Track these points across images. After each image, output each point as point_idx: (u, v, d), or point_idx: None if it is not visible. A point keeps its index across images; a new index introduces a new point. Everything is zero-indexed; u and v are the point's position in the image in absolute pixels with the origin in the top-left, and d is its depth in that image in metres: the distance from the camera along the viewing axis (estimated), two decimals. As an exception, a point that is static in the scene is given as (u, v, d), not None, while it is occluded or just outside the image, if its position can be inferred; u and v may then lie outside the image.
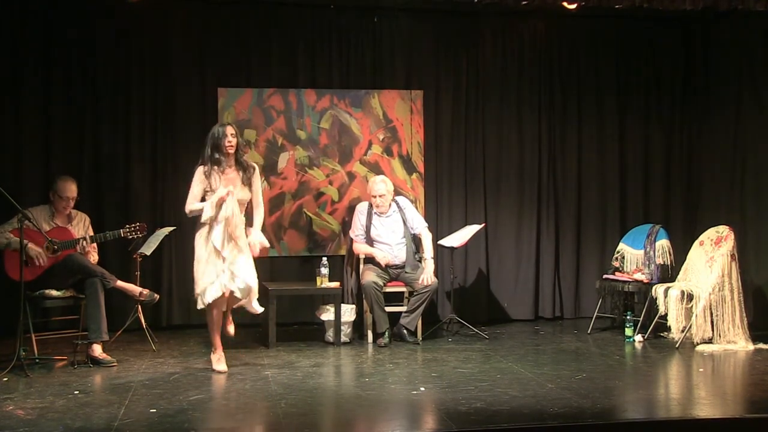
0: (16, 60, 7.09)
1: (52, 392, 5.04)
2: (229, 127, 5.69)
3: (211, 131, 5.68)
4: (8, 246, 5.92)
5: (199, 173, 5.62)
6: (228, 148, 5.62)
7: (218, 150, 5.61)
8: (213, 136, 5.64)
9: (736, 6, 6.27)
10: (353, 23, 7.68)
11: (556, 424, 4.37)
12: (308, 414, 4.67)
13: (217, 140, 5.60)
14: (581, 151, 8.08)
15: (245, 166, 5.73)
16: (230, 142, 5.62)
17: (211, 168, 5.60)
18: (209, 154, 5.61)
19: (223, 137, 5.61)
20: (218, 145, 5.60)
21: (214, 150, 5.61)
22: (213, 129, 5.70)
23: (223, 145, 5.60)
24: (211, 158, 5.61)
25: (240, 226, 5.61)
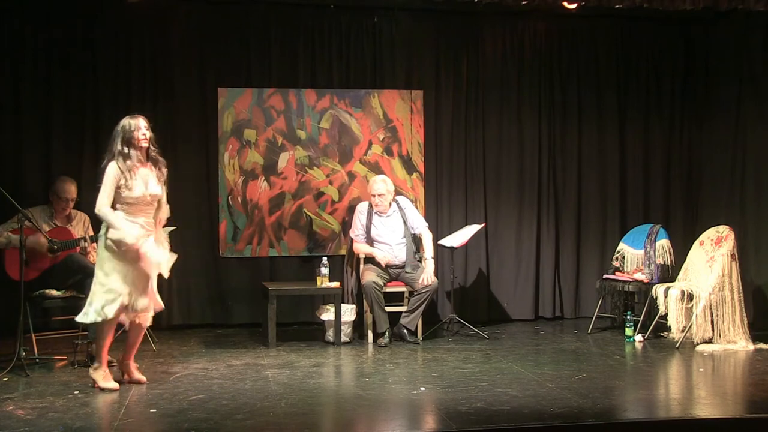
0: (16, 60, 7.09)
1: (52, 392, 5.04)
2: (141, 119, 5.21)
3: (120, 124, 5.17)
4: (8, 245, 5.91)
5: (113, 169, 5.09)
6: (141, 142, 5.16)
7: (129, 144, 5.12)
8: (123, 129, 5.14)
9: (736, 6, 6.27)
10: (353, 23, 7.68)
11: (556, 424, 4.37)
12: (308, 414, 4.66)
13: (129, 133, 5.13)
14: (581, 151, 8.08)
15: (157, 161, 5.26)
16: (144, 135, 5.17)
17: (124, 163, 5.11)
18: (119, 149, 5.11)
19: (135, 130, 5.14)
20: (129, 138, 5.12)
21: (125, 144, 5.12)
22: (122, 121, 5.18)
23: (136, 138, 5.14)
24: (122, 153, 5.11)
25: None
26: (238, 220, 7.49)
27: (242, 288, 7.46)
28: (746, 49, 7.64)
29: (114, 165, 5.11)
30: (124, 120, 5.20)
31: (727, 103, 7.84)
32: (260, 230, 7.52)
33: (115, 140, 5.15)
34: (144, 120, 5.22)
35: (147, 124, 5.22)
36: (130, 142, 5.14)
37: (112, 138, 5.16)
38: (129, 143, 5.14)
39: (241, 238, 7.49)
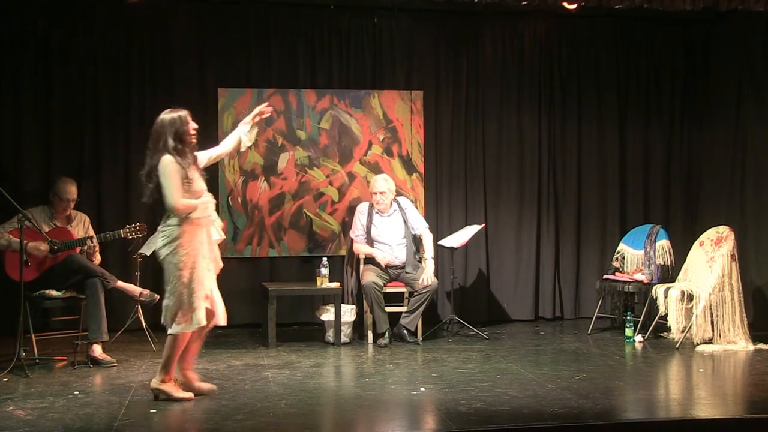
0: (15, 60, 7.08)
1: (52, 392, 5.05)
2: (188, 114, 4.95)
3: (165, 119, 4.85)
4: (8, 247, 5.91)
5: (173, 163, 4.77)
6: (192, 136, 4.93)
7: (180, 139, 4.83)
8: (173, 123, 4.82)
9: (736, 6, 6.27)
10: (353, 23, 7.68)
11: (556, 424, 4.37)
12: (308, 414, 4.67)
13: (180, 127, 4.84)
14: (581, 151, 8.09)
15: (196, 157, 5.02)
16: (195, 129, 4.95)
17: (181, 158, 4.81)
18: (172, 144, 4.79)
19: (186, 124, 4.88)
20: (181, 132, 4.84)
21: (176, 139, 4.82)
22: (166, 117, 4.86)
23: (187, 132, 4.88)
24: (175, 148, 4.80)
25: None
26: (238, 220, 7.49)
27: (242, 288, 7.46)
28: (746, 49, 7.65)
29: (171, 159, 4.77)
30: (167, 115, 4.87)
31: (727, 103, 7.84)
32: (260, 231, 7.52)
33: (163, 135, 4.81)
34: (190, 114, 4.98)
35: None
36: (181, 136, 4.85)
37: (158, 134, 4.83)
38: (180, 138, 4.84)
39: (241, 239, 7.49)
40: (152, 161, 4.81)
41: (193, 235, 4.79)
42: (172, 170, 4.76)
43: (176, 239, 4.75)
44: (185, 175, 4.80)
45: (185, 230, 4.76)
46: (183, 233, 4.76)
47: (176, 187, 4.74)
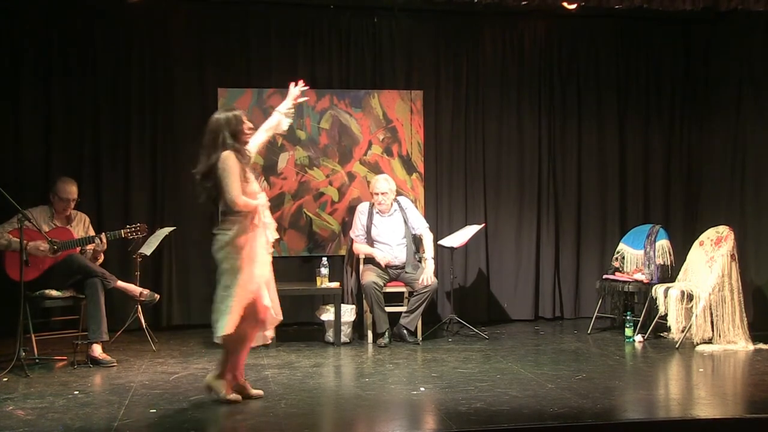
0: (15, 60, 7.09)
1: (52, 392, 5.05)
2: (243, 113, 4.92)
3: (220, 117, 4.83)
4: (8, 247, 5.91)
5: (233, 160, 4.69)
6: (247, 136, 4.87)
7: (236, 137, 4.78)
8: (228, 122, 4.78)
9: (736, 6, 6.27)
10: (353, 23, 7.68)
11: (556, 424, 4.37)
12: (308, 414, 4.67)
13: (236, 126, 4.78)
14: (581, 151, 8.09)
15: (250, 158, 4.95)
16: (251, 129, 4.90)
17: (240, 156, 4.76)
18: (230, 142, 4.74)
19: (241, 123, 4.82)
20: (237, 131, 4.79)
21: (232, 137, 4.76)
22: (221, 116, 4.84)
23: (243, 132, 4.83)
24: (233, 146, 4.74)
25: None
26: (238, 220, 7.48)
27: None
28: (746, 49, 7.65)
29: (231, 154, 4.70)
30: (222, 114, 4.85)
31: (727, 104, 7.84)
32: (260, 230, 7.51)
33: (219, 134, 4.75)
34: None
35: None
36: (237, 135, 4.78)
37: (214, 133, 4.78)
38: (236, 136, 4.78)
39: (241, 238, 7.47)
40: (210, 160, 4.73)
41: (249, 238, 4.72)
42: (232, 165, 4.68)
43: (232, 243, 4.69)
44: (243, 175, 4.74)
45: (241, 234, 4.69)
46: (239, 237, 4.69)
47: (237, 183, 4.67)
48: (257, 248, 4.78)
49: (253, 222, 4.74)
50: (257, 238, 4.77)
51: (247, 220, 4.71)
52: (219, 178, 4.67)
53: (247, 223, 4.72)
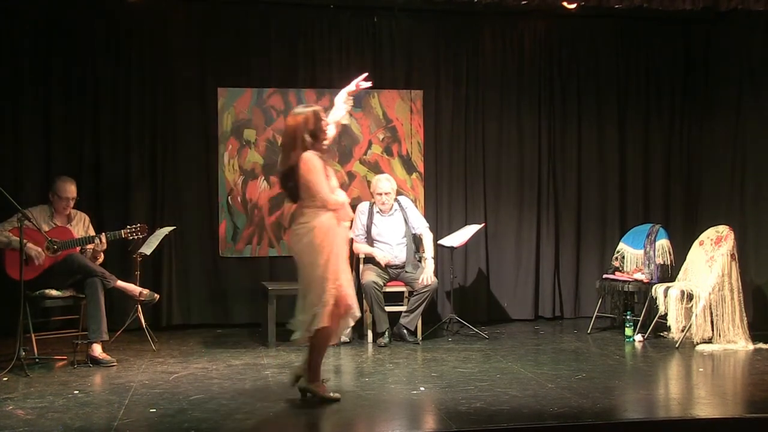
0: (15, 59, 7.09)
1: (52, 392, 5.04)
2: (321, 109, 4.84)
3: (300, 116, 4.74)
4: (9, 245, 5.91)
5: (316, 158, 4.67)
6: (326, 134, 4.82)
7: (316, 136, 4.73)
8: (307, 121, 4.71)
9: (736, 6, 6.27)
10: (353, 23, 7.68)
11: (556, 424, 4.37)
12: (308, 414, 4.66)
13: (315, 124, 4.72)
14: (581, 151, 8.09)
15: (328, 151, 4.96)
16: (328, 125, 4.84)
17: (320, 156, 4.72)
18: (311, 140, 4.69)
19: (321, 120, 4.75)
20: (317, 130, 4.73)
21: (312, 136, 4.71)
22: (301, 114, 4.75)
23: (322, 130, 4.78)
24: (314, 145, 4.69)
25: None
26: (238, 220, 7.49)
27: (242, 288, 7.47)
28: (746, 49, 7.65)
29: (313, 155, 4.67)
30: (301, 112, 4.77)
31: (727, 104, 7.84)
32: (260, 230, 7.52)
33: (299, 133, 4.70)
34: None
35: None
36: (316, 133, 4.74)
37: (293, 132, 4.72)
38: (315, 135, 4.74)
39: (241, 238, 7.49)
40: (290, 160, 4.71)
41: (329, 232, 4.71)
42: (317, 165, 4.67)
43: (313, 238, 4.67)
44: (324, 172, 4.73)
45: (321, 228, 4.68)
46: (319, 231, 4.68)
47: (325, 182, 4.67)
48: (340, 242, 4.77)
49: (335, 217, 4.74)
50: (339, 232, 4.77)
51: (329, 215, 4.71)
52: (302, 178, 4.66)
53: (330, 218, 4.71)
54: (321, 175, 4.66)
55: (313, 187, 4.65)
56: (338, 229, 4.76)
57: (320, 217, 4.68)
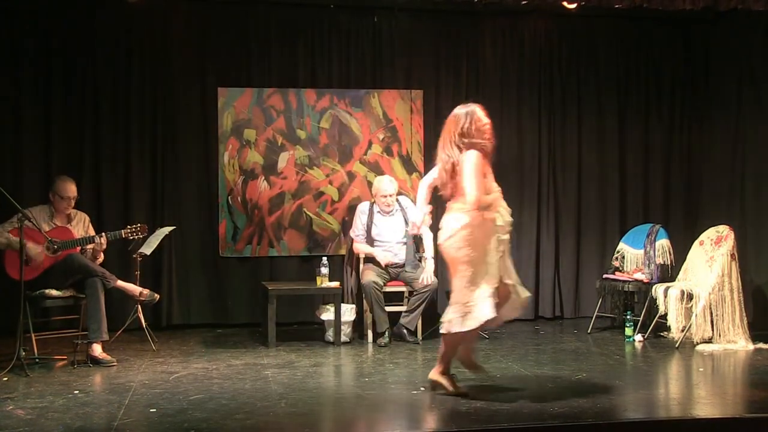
0: (15, 59, 7.09)
1: (52, 392, 5.04)
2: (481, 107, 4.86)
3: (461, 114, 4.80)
4: (8, 246, 5.91)
5: (479, 158, 4.71)
6: (488, 132, 4.83)
7: (466, 136, 4.76)
8: (472, 118, 4.77)
9: (736, 6, 6.28)
10: (353, 23, 7.68)
11: (556, 424, 4.36)
12: (308, 414, 4.66)
13: (479, 123, 4.79)
14: (581, 151, 8.09)
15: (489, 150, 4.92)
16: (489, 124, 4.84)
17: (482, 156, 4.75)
18: (466, 141, 4.75)
19: (480, 120, 4.79)
20: (481, 128, 4.79)
21: (462, 137, 4.74)
22: (462, 112, 4.81)
23: (482, 128, 4.81)
24: (479, 144, 4.76)
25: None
26: (238, 220, 7.49)
27: (242, 288, 7.47)
28: (746, 49, 7.65)
29: (478, 154, 4.74)
30: (461, 110, 4.83)
31: (727, 103, 7.84)
32: (260, 230, 7.52)
33: (460, 130, 4.76)
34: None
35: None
36: (467, 133, 4.78)
37: (454, 128, 4.79)
38: (467, 135, 4.78)
39: (241, 238, 7.49)
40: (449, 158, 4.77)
41: (478, 229, 4.74)
42: (477, 165, 4.72)
43: (461, 234, 4.72)
44: (483, 171, 4.79)
45: (470, 225, 4.72)
46: (467, 228, 4.72)
47: (479, 183, 4.70)
48: (490, 237, 4.78)
49: (484, 214, 4.76)
50: (488, 227, 4.78)
51: (479, 211, 4.74)
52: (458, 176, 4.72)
53: (479, 217, 4.74)
54: (477, 176, 4.69)
55: (465, 185, 4.70)
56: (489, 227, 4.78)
57: (469, 217, 4.72)
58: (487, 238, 4.76)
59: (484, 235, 4.75)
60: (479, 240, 4.73)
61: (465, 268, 4.73)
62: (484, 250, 4.74)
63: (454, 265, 4.79)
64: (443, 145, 4.84)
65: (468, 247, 4.71)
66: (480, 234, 4.73)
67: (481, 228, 4.73)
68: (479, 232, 4.73)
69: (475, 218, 4.71)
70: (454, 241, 4.74)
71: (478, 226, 4.72)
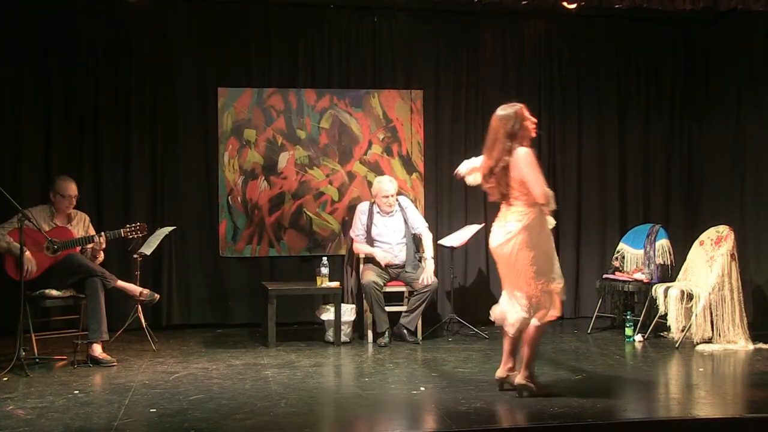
0: (16, 59, 7.09)
1: (52, 392, 5.04)
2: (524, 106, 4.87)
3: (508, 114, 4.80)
4: (8, 251, 5.90)
5: (532, 154, 4.74)
6: (533, 131, 4.86)
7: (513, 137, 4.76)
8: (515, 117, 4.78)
9: (736, 6, 6.28)
10: (353, 23, 7.68)
11: (556, 424, 4.36)
12: (308, 414, 4.66)
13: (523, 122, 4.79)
14: (581, 151, 8.09)
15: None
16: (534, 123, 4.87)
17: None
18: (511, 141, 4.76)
19: (527, 119, 4.81)
20: (524, 127, 4.79)
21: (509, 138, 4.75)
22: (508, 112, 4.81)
23: (528, 127, 4.82)
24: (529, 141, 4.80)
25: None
26: (238, 220, 7.49)
27: (242, 288, 7.47)
28: (746, 49, 7.65)
29: (530, 151, 4.75)
30: (507, 110, 4.83)
31: (727, 103, 7.84)
32: (260, 230, 7.52)
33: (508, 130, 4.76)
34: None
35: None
36: (515, 134, 4.77)
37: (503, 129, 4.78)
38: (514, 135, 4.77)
39: (241, 238, 7.49)
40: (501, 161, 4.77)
41: (540, 226, 4.82)
42: (533, 160, 4.74)
43: (532, 231, 4.77)
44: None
45: (532, 223, 4.78)
46: (530, 226, 4.77)
47: (541, 177, 4.74)
48: (549, 235, 4.92)
49: (543, 211, 4.84)
50: (545, 225, 4.89)
51: (537, 209, 4.79)
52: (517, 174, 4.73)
53: (539, 213, 4.81)
54: (538, 170, 4.72)
55: (530, 182, 4.70)
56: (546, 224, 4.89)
57: (530, 216, 4.77)
58: (548, 237, 4.90)
59: (545, 234, 4.87)
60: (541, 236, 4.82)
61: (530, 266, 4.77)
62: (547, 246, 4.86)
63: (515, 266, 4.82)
64: (492, 148, 4.84)
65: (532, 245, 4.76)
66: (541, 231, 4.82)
67: (541, 226, 4.83)
68: (539, 230, 4.81)
69: (534, 218, 4.78)
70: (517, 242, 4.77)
71: (538, 224, 4.81)
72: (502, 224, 4.87)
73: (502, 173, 4.79)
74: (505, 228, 4.83)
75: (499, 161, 4.78)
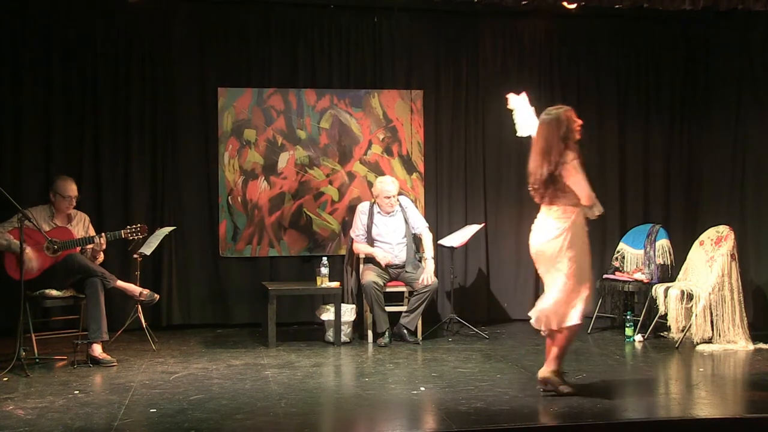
0: (16, 59, 7.08)
1: (52, 392, 5.05)
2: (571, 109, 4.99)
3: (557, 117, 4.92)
4: (8, 249, 5.91)
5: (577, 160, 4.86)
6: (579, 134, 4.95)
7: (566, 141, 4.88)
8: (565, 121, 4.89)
9: (736, 6, 6.27)
10: (353, 23, 7.68)
11: (556, 424, 4.37)
12: (308, 414, 4.67)
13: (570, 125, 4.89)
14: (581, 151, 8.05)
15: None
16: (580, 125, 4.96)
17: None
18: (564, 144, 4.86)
19: (574, 122, 4.91)
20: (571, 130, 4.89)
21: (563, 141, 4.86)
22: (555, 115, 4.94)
23: (575, 130, 4.91)
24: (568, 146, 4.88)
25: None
26: (238, 220, 7.49)
27: (242, 288, 7.47)
28: (746, 49, 7.65)
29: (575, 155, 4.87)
30: (560, 113, 4.94)
31: (727, 103, 7.84)
32: (260, 230, 7.52)
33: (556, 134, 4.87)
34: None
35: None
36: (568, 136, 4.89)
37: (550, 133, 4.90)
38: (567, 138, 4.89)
39: (241, 238, 7.49)
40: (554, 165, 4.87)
41: (582, 228, 4.96)
42: (579, 165, 4.87)
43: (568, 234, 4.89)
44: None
45: (575, 225, 4.92)
46: (572, 228, 4.91)
47: (586, 180, 4.87)
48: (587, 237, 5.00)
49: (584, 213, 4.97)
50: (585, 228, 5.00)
51: (579, 212, 4.94)
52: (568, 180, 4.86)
53: (580, 216, 4.95)
54: (583, 174, 4.86)
55: (578, 185, 4.85)
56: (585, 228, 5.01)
57: (574, 216, 4.92)
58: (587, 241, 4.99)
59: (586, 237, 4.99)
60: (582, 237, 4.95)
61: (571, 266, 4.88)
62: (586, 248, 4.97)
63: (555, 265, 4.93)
64: (545, 152, 4.91)
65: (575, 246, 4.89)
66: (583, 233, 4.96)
67: (583, 228, 4.96)
68: (581, 232, 4.94)
69: (578, 219, 4.92)
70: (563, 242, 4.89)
71: (580, 226, 4.94)
72: (546, 223, 4.98)
73: (558, 177, 4.88)
74: (553, 225, 4.94)
75: (558, 166, 4.86)
